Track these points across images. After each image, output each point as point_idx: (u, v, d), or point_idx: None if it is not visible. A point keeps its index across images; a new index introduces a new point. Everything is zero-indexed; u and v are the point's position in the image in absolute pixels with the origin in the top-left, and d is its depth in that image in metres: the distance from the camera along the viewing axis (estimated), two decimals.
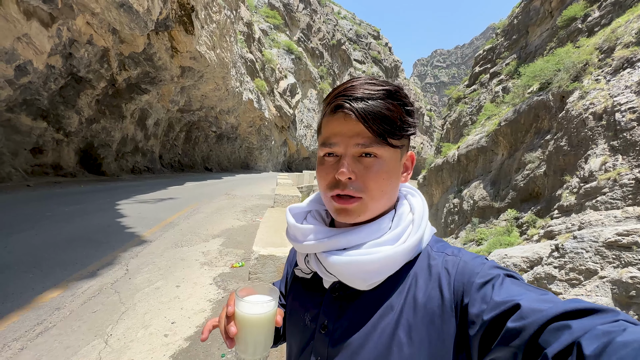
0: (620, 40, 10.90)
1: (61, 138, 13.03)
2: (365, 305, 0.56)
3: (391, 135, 0.54)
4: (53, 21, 9.80)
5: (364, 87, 0.54)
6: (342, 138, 0.55)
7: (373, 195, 0.55)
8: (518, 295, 0.43)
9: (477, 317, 0.45)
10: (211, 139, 28.97)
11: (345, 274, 0.55)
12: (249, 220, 7.52)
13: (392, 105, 0.54)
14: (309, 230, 0.60)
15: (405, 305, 0.53)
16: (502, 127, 14.33)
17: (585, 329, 0.35)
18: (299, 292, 0.69)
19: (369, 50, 68.30)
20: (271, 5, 43.95)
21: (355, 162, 0.55)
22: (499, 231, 11.90)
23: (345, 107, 0.54)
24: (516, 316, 0.40)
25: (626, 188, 8.09)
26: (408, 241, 0.55)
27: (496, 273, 0.48)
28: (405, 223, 0.58)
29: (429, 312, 0.51)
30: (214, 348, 2.54)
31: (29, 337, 2.50)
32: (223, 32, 19.63)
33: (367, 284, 0.55)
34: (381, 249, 0.54)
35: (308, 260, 0.62)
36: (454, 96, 31.14)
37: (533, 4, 21.46)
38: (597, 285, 6.49)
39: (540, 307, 0.39)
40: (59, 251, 4.39)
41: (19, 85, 10.07)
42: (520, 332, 0.39)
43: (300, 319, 0.66)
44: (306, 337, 0.63)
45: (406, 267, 0.56)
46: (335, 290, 0.61)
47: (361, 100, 0.53)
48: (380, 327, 0.53)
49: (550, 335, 0.37)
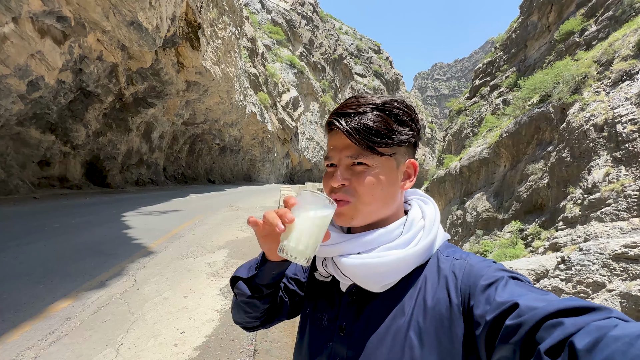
0: (618, 53, 11.10)
1: (68, 151, 13.25)
2: (380, 308, 0.59)
3: (378, 145, 0.58)
4: (65, 39, 10.15)
5: (354, 104, 0.60)
6: (335, 151, 0.61)
7: (363, 200, 0.59)
8: (519, 295, 0.45)
9: (481, 318, 0.47)
10: (214, 151, 29.26)
11: (359, 276, 0.58)
12: (253, 231, 7.55)
13: (379, 117, 0.59)
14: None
15: (415, 308, 0.55)
16: (504, 139, 14.42)
17: (579, 325, 0.36)
18: (318, 294, 0.72)
19: (370, 64, 69.49)
20: (274, 21, 45.13)
21: (348, 170, 0.60)
22: (503, 243, 11.81)
23: (334, 125, 0.60)
24: (514, 314, 0.42)
25: (630, 199, 8.06)
26: (419, 245, 0.58)
27: (500, 275, 0.50)
28: (417, 228, 0.61)
29: (437, 314, 0.53)
30: (223, 357, 2.55)
31: (42, 346, 2.53)
32: (228, 48, 20.14)
33: (380, 286, 0.58)
34: (392, 252, 0.57)
35: (326, 264, 0.66)
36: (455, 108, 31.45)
37: (531, 18, 21.93)
38: (606, 298, 6.40)
39: (537, 305, 0.41)
40: (68, 262, 4.44)
41: (30, 100, 10.34)
42: (517, 329, 0.41)
43: (318, 320, 0.69)
44: (325, 338, 0.65)
45: (417, 270, 0.59)
46: (352, 293, 0.64)
47: (348, 116, 0.59)
48: (393, 330, 0.56)
49: (545, 331, 0.38)
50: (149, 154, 19.35)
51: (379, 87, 65.84)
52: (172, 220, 8.27)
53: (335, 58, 56.49)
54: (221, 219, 8.94)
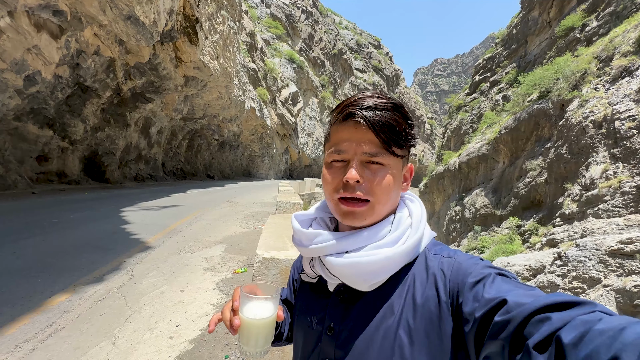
0: (618, 49, 11.06)
1: (66, 146, 13.22)
2: (368, 307, 0.59)
3: (396, 145, 0.59)
4: (62, 33, 10.07)
5: (372, 98, 0.59)
6: (351, 144, 0.59)
7: (379, 199, 0.58)
8: (506, 291, 0.45)
9: (470, 315, 0.47)
10: (213, 146, 29.21)
11: (347, 276, 0.57)
12: (251, 227, 7.58)
13: (398, 117, 0.58)
14: (313, 235, 0.63)
15: (405, 307, 0.55)
16: (503, 135, 14.42)
17: (565, 320, 0.37)
18: (306, 296, 0.72)
19: (370, 59, 69.10)
20: (274, 16, 44.78)
21: (363, 168, 0.59)
22: (501, 239, 11.88)
23: (356, 115, 0.58)
24: (503, 311, 0.43)
25: (627, 196, 8.09)
26: (406, 243, 0.57)
27: (488, 272, 0.50)
28: (404, 226, 0.60)
29: (427, 312, 0.53)
30: (218, 350, 2.58)
31: (39, 338, 2.56)
32: (226, 43, 20.01)
33: (368, 285, 0.57)
34: (381, 251, 0.56)
35: (313, 264, 0.65)
36: (455, 104, 31.36)
37: (532, 14, 21.80)
38: (601, 294, 6.46)
39: (524, 301, 0.41)
40: (65, 257, 4.46)
41: (27, 95, 10.29)
42: (506, 325, 0.41)
43: (307, 322, 0.68)
44: (313, 340, 0.65)
45: (405, 269, 0.59)
46: (339, 293, 0.63)
47: (370, 109, 0.57)
48: (382, 329, 0.55)
49: (532, 327, 0.39)
50: (147, 149, 19.32)
51: (379, 82, 65.53)
52: (170, 215, 8.29)
53: (335, 53, 56.17)
54: (219, 215, 8.96)
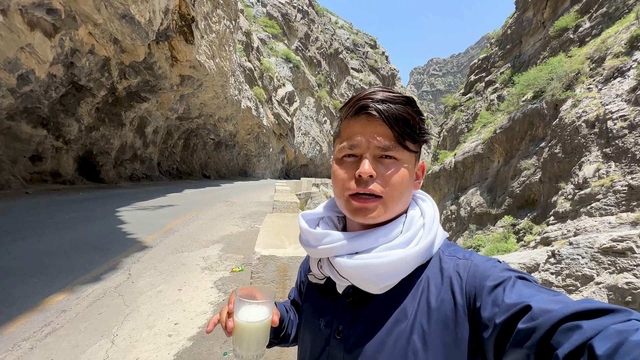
0: (611, 50, 11.22)
1: (60, 146, 13.10)
2: (379, 310, 0.56)
3: (410, 139, 0.57)
4: (56, 32, 9.98)
5: (384, 92, 0.57)
6: (364, 138, 0.56)
7: (392, 196, 0.56)
8: (529, 296, 0.42)
9: (490, 321, 0.44)
10: (209, 146, 29.11)
11: (357, 278, 0.55)
12: (248, 226, 7.58)
13: (411, 110, 0.57)
14: (321, 235, 0.60)
15: (418, 310, 0.53)
16: (498, 135, 14.56)
17: (597, 329, 0.34)
18: (314, 298, 0.70)
19: (366, 59, 69.23)
20: (270, 15, 44.70)
21: (376, 162, 0.56)
22: (496, 238, 12.01)
23: (369, 108, 0.56)
24: (527, 317, 0.40)
25: (619, 194, 8.23)
26: (419, 245, 0.55)
27: (507, 275, 0.48)
28: (417, 227, 0.58)
29: (442, 316, 0.51)
30: (217, 347, 2.60)
31: (38, 337, 2.56)
32: (222, 42, 19.94)
33: (379, 288, 0.55)
34: (392, 252, 0.54)
35: (321, 265, 0.62)
36: (450, 104, 31.58)
37: (526, 14, 22.01)
38: (594, 291, 6.57)
39: (551, 308, 0.39)
40: (62, 257, 4.44)
41: (20, 94, 10.18)
42: (531, 333, 0.39)
43: (314, 325, 0.66)
44: (321, 343, 0.63)
45: (418, 271, 0.56)
46: (349, 295, 0.61)
47: (384, 102, 0.56)
48: (395, 333, 0.53)
49: (561, 335, 0.36)
50: (142, 149, 19.20)
51: (375, 82, 65.67)
52: (166, 215, 8.26)
53: (331, 53, 56.20)
54: (216, 214, 8.95)
